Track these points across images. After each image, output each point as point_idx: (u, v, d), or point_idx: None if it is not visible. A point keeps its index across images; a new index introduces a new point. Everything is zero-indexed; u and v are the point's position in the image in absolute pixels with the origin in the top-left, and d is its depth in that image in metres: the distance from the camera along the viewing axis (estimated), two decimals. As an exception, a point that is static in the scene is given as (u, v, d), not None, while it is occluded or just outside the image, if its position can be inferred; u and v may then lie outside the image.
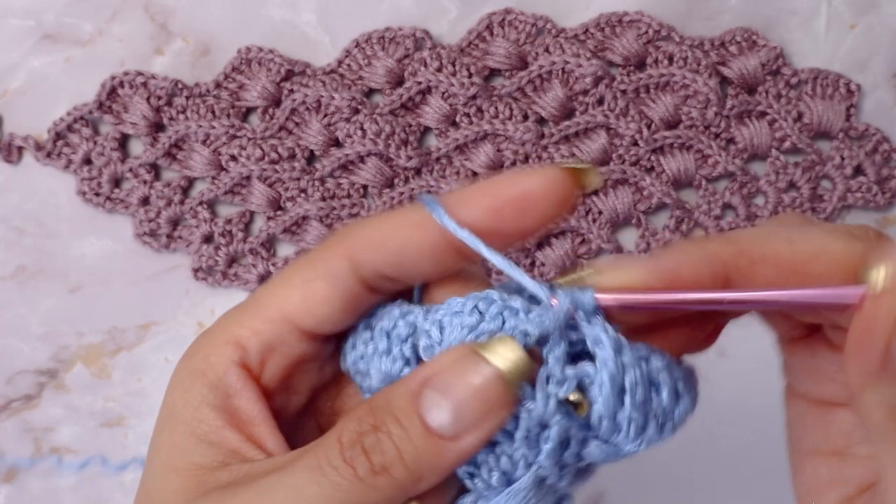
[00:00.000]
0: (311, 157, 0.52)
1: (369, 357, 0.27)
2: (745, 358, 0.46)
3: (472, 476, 0.25)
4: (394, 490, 0.24)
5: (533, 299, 0.26)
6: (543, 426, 0.24)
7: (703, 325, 0.28)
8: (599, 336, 0.24)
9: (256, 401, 0.27)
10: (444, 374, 0.24)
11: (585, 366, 0.24)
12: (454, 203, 0.26)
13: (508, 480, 0.24)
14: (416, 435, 0.24)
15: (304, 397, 0.29)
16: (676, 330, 0.27)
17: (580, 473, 0.26)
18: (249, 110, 0.53)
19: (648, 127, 0.51)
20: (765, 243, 0.25)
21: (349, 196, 0.52)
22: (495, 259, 0.25)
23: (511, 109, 0.51)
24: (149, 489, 0.27)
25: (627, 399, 0.24)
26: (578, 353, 0.25)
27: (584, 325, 0.24)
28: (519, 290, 0.26)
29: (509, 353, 0.24)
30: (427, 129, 0.52)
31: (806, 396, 0.28)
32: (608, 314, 0.25)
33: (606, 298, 0.25)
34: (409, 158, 0.51)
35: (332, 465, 0.24)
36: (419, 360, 0.26)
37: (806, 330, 0.28)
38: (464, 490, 0.26)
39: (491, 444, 0.24)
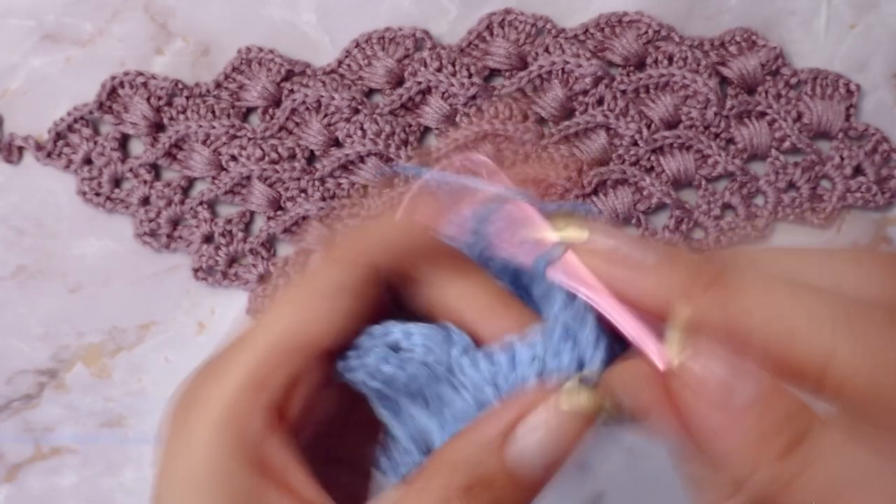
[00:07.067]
0: (311, 157, 0.52)
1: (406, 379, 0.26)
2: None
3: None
4: None
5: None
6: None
7: None
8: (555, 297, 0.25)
9: (286, 445, 0.24)
10: (537, 432, 0.24)
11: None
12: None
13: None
14: (505, 490, 0.23)
15: (316, 426, 0.27)
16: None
17: None
18: (249, 110, 0.53)
19: (648, 127, 0.51)
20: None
21: (349, 196, 0.52)
22: None
23: (511, 109, 0.51)
24: None
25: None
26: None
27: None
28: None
29: (591, 402, 0.24)
30: (427, 129, 0.52)
31: None
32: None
33: (570, 264, 0.24)
34: (409, 158, 0.51)
35: None
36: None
37: None
38: None
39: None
